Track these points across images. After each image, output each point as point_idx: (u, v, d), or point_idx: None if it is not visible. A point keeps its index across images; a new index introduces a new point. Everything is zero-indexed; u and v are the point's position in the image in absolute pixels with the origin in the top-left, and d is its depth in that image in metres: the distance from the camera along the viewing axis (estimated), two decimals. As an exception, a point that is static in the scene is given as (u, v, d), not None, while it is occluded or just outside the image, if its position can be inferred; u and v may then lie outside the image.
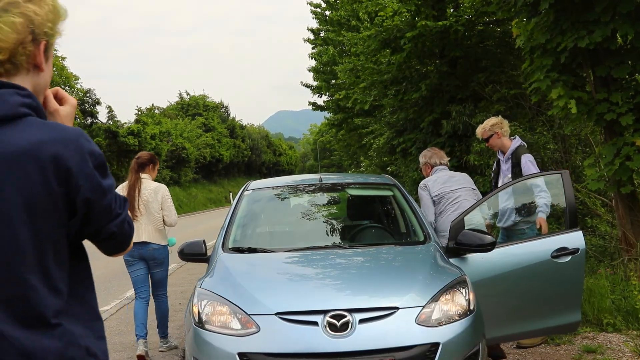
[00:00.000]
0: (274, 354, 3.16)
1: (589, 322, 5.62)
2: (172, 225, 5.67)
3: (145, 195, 5.51)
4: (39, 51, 1.44)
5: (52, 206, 1.36)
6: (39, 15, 1.41)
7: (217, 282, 3.74)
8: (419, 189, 5.31)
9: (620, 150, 5.93)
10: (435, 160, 5.45)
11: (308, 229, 4.97)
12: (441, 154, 5.54)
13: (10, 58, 1.38)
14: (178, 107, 58.70)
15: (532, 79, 6.52)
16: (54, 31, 1.47)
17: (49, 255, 1.38)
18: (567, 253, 4.26)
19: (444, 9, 10.57)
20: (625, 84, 6.17)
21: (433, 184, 5.24)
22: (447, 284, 3.53)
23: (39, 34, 1.42)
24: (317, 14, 23.57)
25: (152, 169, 5.74)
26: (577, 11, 5.97)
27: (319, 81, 22.71)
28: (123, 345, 6.17)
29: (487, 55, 10.50)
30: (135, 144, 35.13)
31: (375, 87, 12.37)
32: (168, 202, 5.59)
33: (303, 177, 5.98)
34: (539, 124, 8.99)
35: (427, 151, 5.62)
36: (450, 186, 5.18)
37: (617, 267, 6.40)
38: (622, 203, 6.41)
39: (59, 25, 1.49)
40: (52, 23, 1.46)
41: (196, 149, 49.22)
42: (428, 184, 5.24)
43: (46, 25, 1.44)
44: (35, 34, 1.41)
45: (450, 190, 5.15)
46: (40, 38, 1.43)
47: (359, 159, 23.92)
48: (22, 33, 1.38)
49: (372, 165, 17.20)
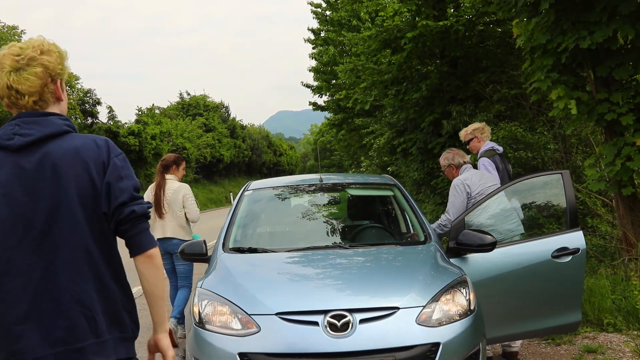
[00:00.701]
0: (275, 354, 3.16)
1: (590, 322, 5.62)
2: (194, 221, 6.16)
3: (169, 194, 6.00)
4: (57, 87, 2.03)
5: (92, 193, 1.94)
6: (52, 62, 1.99)
7: (217, 282, 3.74)
8: (456, 187, 5.14)
9: (620, 151, 5.93)
10: (459, 160, 5.39)
11: (308, 229, 4.97)
12: (462, 153, 5.50)
13: (40, 97, 1.99)
14: (178, 107, 58.71)
15: (532, 79, 6.52)
16: (63, 70, 2.04)
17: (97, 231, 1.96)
18: (567, 253, 4.26)
19: (445, 9, 10.56)
20: (625, 84, 6.17)
21: (472, 181, 5.15)
22: (447, 284, 3.53)
23: (55, 75, 2.01)
24: (317, 14, 23.57)
25: (175, 169, 6.22)
26: (577, 11, 5.97)
27: (320, 81, 22.70)
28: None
29: (487, 55, 10.49)
30: (136, 144, 35.15)
31: (376, 87, 12.37)
32: (189, 201, 6.04)
33: (303, 177, 5.97)
34: (539, 124, 8.99)
35: (447, 153, 5.51)
36: (486, 183, 5.17)
37: (617, 267, 6.40)
38: (623, 203, 6.41)
39: (65, 64, 2.06)
40: (61, 65, 2.03)
41: (197, 149, 49.22)
42: (466, 182, 5.14)
43: (57, 67, 2.01)
44: (52, 76, 2.00)
45: (487, 186, 5.13)
46: (56, 78, 2.02)
47: (359, 159, 23.91)
48: (43, 78, 1.97)
49: (373, 166, 17.19)
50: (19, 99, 1.97)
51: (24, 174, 1.91)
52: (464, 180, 5.17)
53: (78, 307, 1.89)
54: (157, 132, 37.83)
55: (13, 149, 1.92)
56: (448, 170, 5.51)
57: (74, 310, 1.88)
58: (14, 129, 1.95)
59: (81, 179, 1.93)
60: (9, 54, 1.97)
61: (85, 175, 1.94)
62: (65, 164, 1.92)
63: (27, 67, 1.95)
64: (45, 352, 1.84)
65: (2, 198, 1.90)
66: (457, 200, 5.12)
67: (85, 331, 1.89)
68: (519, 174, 8.17)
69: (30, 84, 1.95)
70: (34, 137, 1.93)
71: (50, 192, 1.91)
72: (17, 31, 31.22)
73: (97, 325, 1.91)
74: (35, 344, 1.84)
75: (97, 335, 1.91)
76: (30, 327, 1.84)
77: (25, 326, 1.84)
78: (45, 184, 1.91)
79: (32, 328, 1.85)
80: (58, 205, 1.91)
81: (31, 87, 1.95)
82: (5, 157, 1.93)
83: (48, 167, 1.92)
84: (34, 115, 1.98)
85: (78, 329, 1.88)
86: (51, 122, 1.97)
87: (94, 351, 1.90)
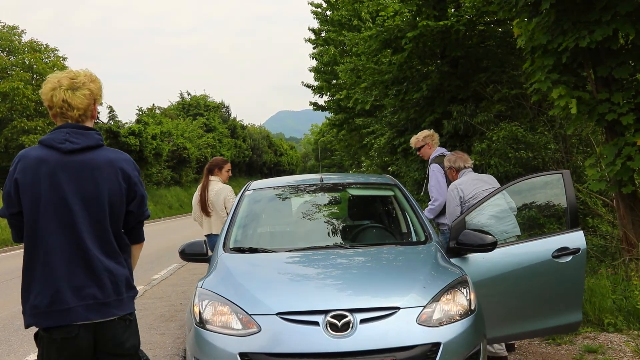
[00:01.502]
0: (275, 354, 3.16)
1: (590, 322, 5.62)
2: None
3: (212, 195, 6.54)
4: (95, 108, 2.74)
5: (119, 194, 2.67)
6: (96, 89, 2.72)
7: (218, 282, 3.74)
8: (450, 192, 5.43)
9: (621, 150, 5.93)
10: (460, 164, 5.59)
11: (309, 229, 4.97)
12: (465, 157, 5.67)
13: (85, 113, 2.67)
14: (179, 107, 58.73)
15: (533, 79, 6.52)
16: (100, 96, 2.76)
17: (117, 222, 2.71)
18: (568, 253, 4.26)
19: (445, 9, 10.56)
20: (626, 84, 6.17)
21: (465, 186, 5.37)
22: (448, 284, 3.53)
23: (97, 98, 2.72)
24: (318, 14, 23.57)
25: (219, 172, 6.70)
26: (578, 11, 5.97)
27: (320, 81, 22.71)
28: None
29: (488, 55, 10.49)
30: (137, 144, 35.15)
31: (376, 87, 12.37)
32: (230, 202, 6.38)
33: (304, 177, 5.97)
34: (540, 124, 8.99)
35: (451, 155, 5.72)
36: (482, 186, 5.33)
37: (618, 267, 6.40)
38: (623, 203, 6.40)
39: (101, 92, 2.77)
40: (100, 92, 2.76)
41: (197, 149, 49.24)
42: (460, 187, 5.38)
43: (99, 93, 2.74)
44: (95, 98, 2.71)
45: (483, 190, 5.29)
46: (97, 101, 2.73)
47: (360, 159, 23.91)
48: (89, 99, 2.67)
49: (373, 165, 17.19)
50: (68, 111, 2.63)
51: (69, 170, 2.58)
52: (458, 185, 5.39)
53: (107, 273, 2.62)
54: (157, 132, 37.82)
55: (63, 151, 2.59)
56: (449, 172, 5.72)
57: (103, 275, 2.61)
58: (65, 136, 2.61)
59: (112, 182, 2.64)
60: (67, 76, 2.66)
61: (115, 180, 2.65)
62: (102, 169, 2.63)
63: (80, 89, 2.65)
64: (77, 303, 2.55)
65: (51, 186, 2.56)
66: (451, 205, 5.38)
67: (110, 291, 2.62)
68: (519, 174, 8.17)
69: (80, 101, 2.64)
70: (81, 145, 2.62)
71: (87, 188, 2.60)
72: (17, 31, 31.25)
73: (119, 287, 2.66)
74: (69, 297, 2.54)
75: (118, 294, 2.66)
76: (67, 284, 2.54)
77: (65, 283, 2.54)
78: (85, 181, 2.60)
79: (70, 286, 2.55)
80: (92, 199, 2.60)
81: (80, 103, 2.65)
82: (55, 155, 2.59)
83: (88, 169, 2.61)
84: (80, 127, 2.65)
85: (106, 289, 2.61)
86: (92, 136, 2.67)
87: (115, 306, 2.65)
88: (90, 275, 2.58)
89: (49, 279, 2.55)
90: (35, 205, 2.55)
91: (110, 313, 2.62)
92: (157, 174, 41.20)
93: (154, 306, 8.25)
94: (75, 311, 2.54)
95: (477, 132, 9.66)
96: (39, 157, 2.58)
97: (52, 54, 31.65)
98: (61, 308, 2.53)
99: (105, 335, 2.64)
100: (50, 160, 2.57)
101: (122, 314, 2.68)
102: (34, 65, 29.69)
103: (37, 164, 2.57)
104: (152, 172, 39.47)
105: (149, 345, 6.13)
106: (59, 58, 31.66)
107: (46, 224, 2.55)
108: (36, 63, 29.64)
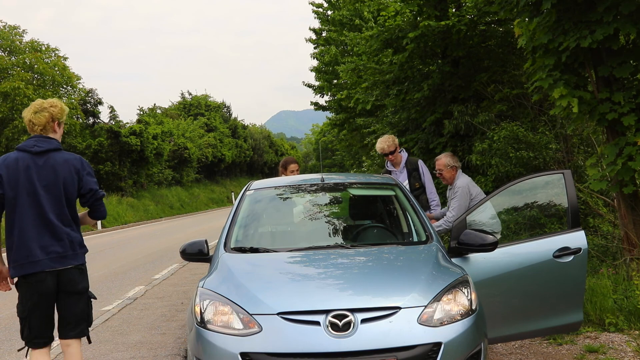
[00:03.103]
0: (276, 354, 3.16)
1: (591, 322, 5.62)
2: None
3: None
4: (54, 125, 3.95)
5: (72, 183, 3.84)
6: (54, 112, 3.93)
7: (219, 282, 3.74)
8: (464, 189, 5.73)
9: (622, 150, 5.92)
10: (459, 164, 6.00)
11: (310, 229, 4.97)
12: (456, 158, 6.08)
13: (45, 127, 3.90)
14: (180, 107, 58.76)
15: (534, 78, 6.52)
16: (62, 116, 3.98)
17: (71, 202, 3.86)
18: (569, 253, 4.26)
19: (446, 8, 10.54)
20: (627, 84, 6.16)
21: (472, 185, 5.80)
22: (449, 284, 3.53)
23: (54, 118, 3.93)
24: (319, 14, 23.54)
25: (284, 171, 6.84)
26: (579, 11, 5.97)
27: (321, 81, 22.67)
28: (125, 345, 6.18)
29: (489, 55, 10.47)
30: (137, 144, 35.15)
31: (377, 87, 12.35)
32: None
33: (305, 177, 5.96)
34: (541, 123, 8.98)
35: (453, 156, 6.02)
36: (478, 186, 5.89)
37: (619, 267, 6.39)
38: (625, 203, 6.40)
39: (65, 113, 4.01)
40: (59, 113, 3.95)
41: (198, 149, 49.25)
42: (470, 186, 5.79)
43: (57, 115, 3.93)
44: (51, 118, 3.91)
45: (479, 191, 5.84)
46: (56, 120, 3.94)
47: (361, 159, 23.88)
48: (47, 119, 3.89)
49: (374, 165, 17.17)
50: (34, 127, 3.90)
51: (37, 166, 3.78)
52: (468, 184, 5.75)
53: (65, 235, 3.81)
54: (158, 132, 37.82)
55: (33, 152, 3.80)
56: (449, 170, 5.91)
57: (63, 237, 3.80)
58: (34, 143, 3.84)
59: (66, 174, 3.82)
60: (35, 104, 3.94)
61: (69, 173, 3.83)
62: (60, 165, 3.82)
63: (42, 112, 3.90)
64: (44, 257, 3.73)
65: (26, 178, 3.74)
66: (464, 202, 5.65)
67: (68, 248, 3.81)
68: (520, 173, 8.17)
69: (39, 120, 3.89)
70: (45, 148, 3.83)
71: (49, 178, 3.79)
72: (18, 31, 31.26)
73: (74, 245, 3.85)
74: (39, 253, 3.72)
75: (74, 250, 3.85)
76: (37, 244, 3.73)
77: (35, 244, 3.73)
78: (47, 173, 3.79)
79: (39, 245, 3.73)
80: (52, 185, 3.78)
81: (40, 122, 3.90)
82: (27, 156, 3.80)
83: (50, 165, 3.81)
84: (44, 137, 3.88)
85: (65, 246, 3.80)
86: (53, 143, 3.89)
87: (72, 257, 3.83)
88: (53, 237, 3.76)
89: (24, 241, 3.73)
90: (14, 190, 3.74)
91: (68, 263, 3.81)
92: (158, 174, 41.22)
93: (155, 306, 8.25)
94: (43, 262, 3.72)
95: (478, 132, 9.65)
96: (17, 157, 3.80)
97: (53, 53, 31.66)
98: (33, 260, 3.71)
99: (65, 279, 3.82)
100: (24, 159, 3.78)
101: (76, 264, 3.86)
102: (35, 65, 29.69)
103: (15, 162, 3.78)
104: (153, 172, 39.48)
105: (150, 345, 6.14)
106: (59, 58, 31.65)
107: (22, 203, 3.73)
108: (37, 63, 29.64)
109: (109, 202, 30.88)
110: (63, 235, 3.77)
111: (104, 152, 34.04)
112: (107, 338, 6.52)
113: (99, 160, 33.87)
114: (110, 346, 6.17)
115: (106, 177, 34.37)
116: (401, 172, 6.73)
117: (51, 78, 30.29)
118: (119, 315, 7.71)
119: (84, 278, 3.93)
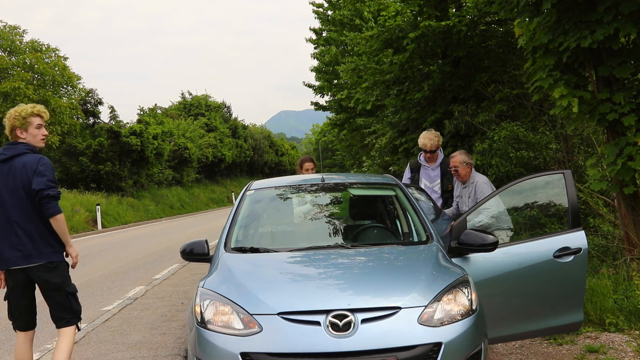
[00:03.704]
0: (277, 354, 3.17)
1: (592, 322, 5.62)
2: None
3: None
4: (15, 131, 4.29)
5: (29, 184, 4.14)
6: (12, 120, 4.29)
7: (219, 282, 3.74)
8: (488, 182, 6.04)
9: (622, 150, 5.92)
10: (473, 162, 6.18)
11: (310, 229, 4.97)
12: None
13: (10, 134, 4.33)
14: (180, 107, 58.76)
15: (534, 78, 6.52)
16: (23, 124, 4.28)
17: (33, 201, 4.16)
18: (569, 253, 4.26)
19: (447, 9, 10.54)
20: (627, 84, 6.16)
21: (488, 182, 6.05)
22: (449, 284, 3.53)
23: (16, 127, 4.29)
24: (319, 14, 23.54)
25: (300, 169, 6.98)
26: (579, 11, 5.97)
27: (321, 81, 22.66)
28: (125, 345, 6.18)
29: (489, 55, 10.47)
30: (138, 144, 35.13)
31: (378, 87, 12.35)
32: None
33: (305, 177, 5.96)
34: (541, 123, 8.98)
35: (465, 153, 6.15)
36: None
37: (619, 267, 6.39)
38: (625, 203, 6.40)
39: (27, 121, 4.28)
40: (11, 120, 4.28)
41: (198, 149, 49.24)
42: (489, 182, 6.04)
43: (17, 123, 4.27)
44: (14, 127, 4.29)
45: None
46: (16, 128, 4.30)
47: (361, 159, 23.88)
48: (9, 128, 4.31)
49: (375, 165, 17.17)
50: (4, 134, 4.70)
51: (2, 173, 4.21)
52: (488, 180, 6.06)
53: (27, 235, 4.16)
54: (158, 132, 37.80)
55: (1, 160, 4.22)
56: (464, 168, 6.06)
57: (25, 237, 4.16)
58: (2, 151, 4.24)
59: (23, 177, 4.15)
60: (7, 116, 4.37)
61: (25, 175, 4.15)
62: (19, 169, 4.17)
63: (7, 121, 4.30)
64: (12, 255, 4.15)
65: None
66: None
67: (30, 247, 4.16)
68: (520, 173, 8.17)
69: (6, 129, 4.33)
70: (7, 156, 4.22)
71: (12, 183, 4.17)
72: (18, 31, 31.24)
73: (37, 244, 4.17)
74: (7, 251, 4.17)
75: (38, 249, 4.16)
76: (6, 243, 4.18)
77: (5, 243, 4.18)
78: (10, 179, 4.18)
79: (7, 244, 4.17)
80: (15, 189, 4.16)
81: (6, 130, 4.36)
82: None
83: (11, 170, 4.19)
84: (11, 144, 4.30)
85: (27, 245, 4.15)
86: (18, 148, 4.24)
87: (36, 256, 4.16)
88: (18, 237, 4.15)
89: None
90: None
91: (33, 261, 4.16)
92: (158, 174, 41.21)
93: (155, 306, 8.25)
94: (11, 260, 4.16)
95: (479, 131, 9.65)
96: None
97: (53, 53, 31.64)
98: (3, 257, 4.18)
99: (35, 275, 4.21)
100: None
101: (42, 262, 4.17)
102: (35, 65, 29.67)
103: None
104: (153, 172, 39.46)
105: (150, 345, 6.14)
106: (59, 58, 31.62)
107: None
108: (37, 63, 29.62)
109: (109, 202, 30.90)
110: (27, 235, 4.14)
111: (104, 152, 34.01)
112: (107, 338, 6.52)
113: (99, 160, 33.86)
114: (110, 346, 6.17)
115: (106, 177, 34.36)
116: (433, 170, 6.76)
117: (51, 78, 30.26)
118: (119, 315, 7.71)
119: (57, 275, 4.22)
